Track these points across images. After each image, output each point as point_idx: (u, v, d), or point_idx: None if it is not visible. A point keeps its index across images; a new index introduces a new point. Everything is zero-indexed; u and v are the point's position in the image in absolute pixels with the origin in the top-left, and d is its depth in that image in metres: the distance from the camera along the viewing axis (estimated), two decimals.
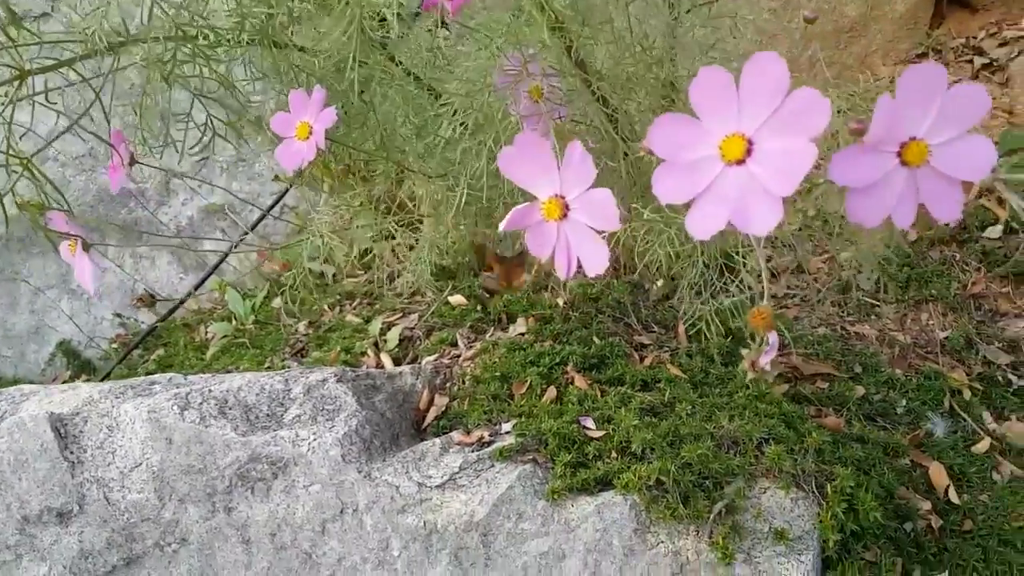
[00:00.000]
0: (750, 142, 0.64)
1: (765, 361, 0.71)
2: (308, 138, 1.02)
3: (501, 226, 0.74)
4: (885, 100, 0.64)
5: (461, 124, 0.96)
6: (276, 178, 1.28)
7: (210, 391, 1.43)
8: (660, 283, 1.89)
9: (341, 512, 1.33)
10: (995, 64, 2.18)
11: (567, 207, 0.72)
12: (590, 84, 0.93)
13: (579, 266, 0.74)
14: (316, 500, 1.33)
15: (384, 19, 1.17)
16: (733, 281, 1.09)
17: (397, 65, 1.18)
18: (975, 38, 2.30)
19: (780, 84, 0.62)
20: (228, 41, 1.03)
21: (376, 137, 1.11)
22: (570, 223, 0.73)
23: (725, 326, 1.55)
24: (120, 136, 1.11)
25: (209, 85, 1.18)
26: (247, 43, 1.05)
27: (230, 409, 1.42)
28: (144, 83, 1.14)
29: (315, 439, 1.35)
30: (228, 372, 1.87)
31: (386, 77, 1.16)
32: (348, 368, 1.53)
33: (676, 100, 0.92)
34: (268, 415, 1.42)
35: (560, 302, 1.88)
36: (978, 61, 2.20)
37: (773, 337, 0.71)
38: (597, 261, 0.72)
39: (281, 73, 1.18)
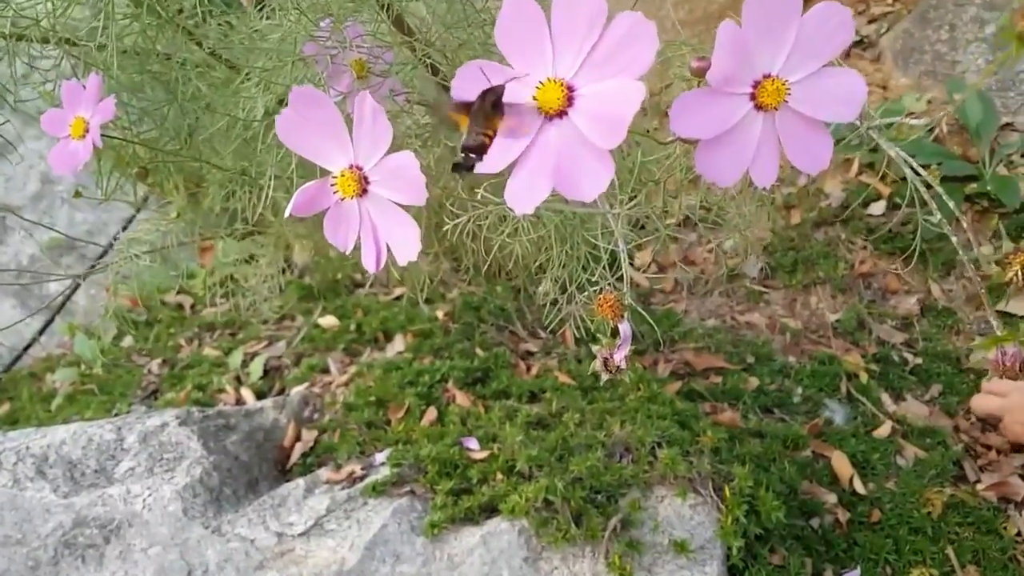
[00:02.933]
0: (570, 88, 0.52)
1: (620, 357, 0.59)
2: (84, 136, 0.86)
3: (286, 211, 0.60)
4: (729, 28, 0.52)
5: (265, 104, 0.81)
6: (77, 194, 1.10)
7: (27, 448, 1.23)
8: (545, 285, 1.78)
9: (188, 575, 1.15)
10: (866, 41, 2.17)
11: (366, 180, 0.59)
12: (415, 50, 0.80)
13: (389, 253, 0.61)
14: (158, 564, 1.15)
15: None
16: (596, 272, 0.97)
17: (210, 53, 1.03)
18: None
19: (597, 12, 0.50)
20: None
21: (182, 135, 0.95)
22: (372, 200, 0.59)
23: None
24: None
25: None
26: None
27: (50, 468, 1.23)
28: None
29: (151, 494, 1.17)
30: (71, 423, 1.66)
31: (196, 66, 1.01)
32: (196, 408, 1.35)
33: None
34: (96, 471, 1.23)
35: (440, 314, 1.75)
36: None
37: (625, 327, 0.59)
38: (407, 246, 0.59)
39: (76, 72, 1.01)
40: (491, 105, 0.53)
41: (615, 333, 0.60)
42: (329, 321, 1.76)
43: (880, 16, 2.22)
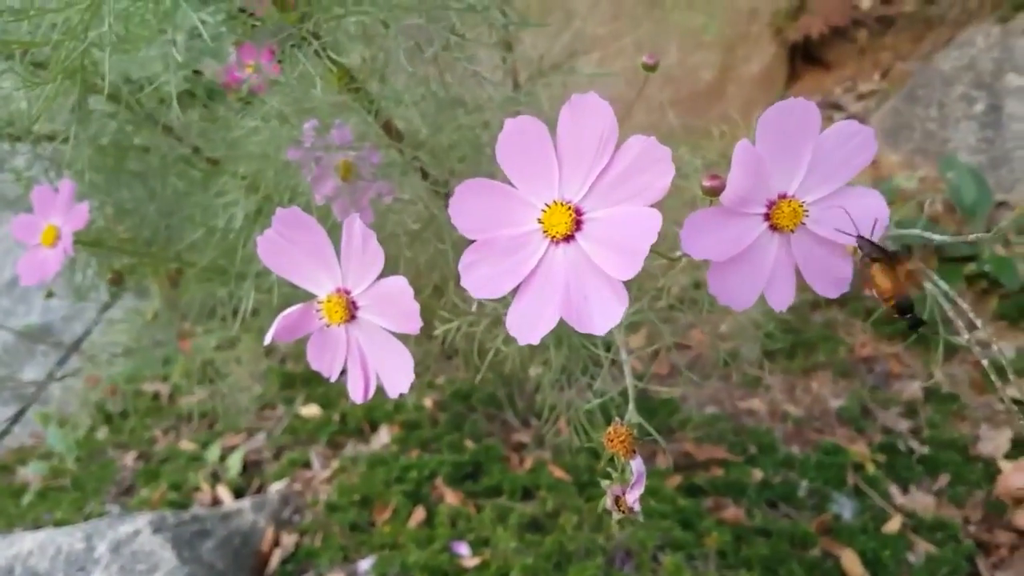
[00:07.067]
0: (578, 212, 0.48)
1: (633, 499, 0.53)
2: (55, 244, 0.81)
3: (267, 338, 0.55)
4: (744, 148, 0.49)
5: (246, 211, 0.77)
6: (49, 295, 1.06)
7: None
8: (536, 370, 1.72)
9: None
10: (855, 119, 2.17)
11: (354, 305, 0.54)
12: (403, 153, 0.77)
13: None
14: None
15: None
16: (597, 373, 0.93)
17: (192, 149, 0.99)
18: (832, 94, 2.31)
19: (607, 134, 0.47)
20: None
21: (158, 234, 0.91)
22: (361, 326, 0.55)
23: (607, 415, 1.39)
24: None
25: None
26: None
27: None
28: None
29: None
30: (39, 529, 1.57)
31: (177, 161, 0.97)
32: (170, 513, 1.27)
33: None
34: None
35: (428, 402, 1.68)
36: (837, 117, 2.20)
37: (638, 464, 0.54)
38: (400, 376, 0.54)
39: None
40: (884, 254, 0.52)
41: (624, 468, 0.55)
42: (311, 410, 1.70)
43: (868, 94, 2.23)
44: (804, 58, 2.46)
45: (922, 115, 2.04)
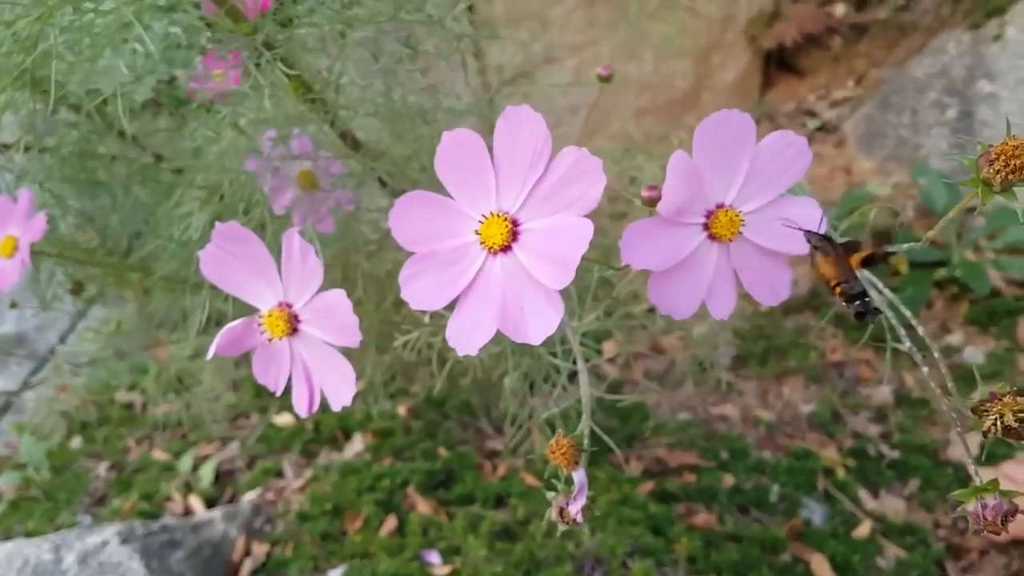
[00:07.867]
0: (515, 222, 0.49)
1: (575, 509, 0.54)
2: (13, 254, 0.81)
3: (209, 352, 0.55)
4: (680, 159, 0.49)
5: (201, 223, 0.78)
6: (13, 305, 1.06)
7: None
8: (510, 378, 1.72)
9: None
10: (829, 125, 2.19)
11: (296, 318, 0.54)
12: (360, 162, 0.77)
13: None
14: None
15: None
16: (562, 379, 0.93)
17: (155, 157, 0.99)
18: (806, 101, 2.32)
19: (540, 147, 0.47)
20: None
21: (120, 244, 0.91)
22: (303, 340, 0.55)
23: (570, 422, 1.40)
24: None
25: None
26: None
27: None
28: None
29: None
30: (14, 534, 1.56)
31: (137, 172, 0.97)
32: (139, 523, 1.27)
33: None
34: None
35: (402, 410, 1.68)
36: (811, 124, 2.22)
37: (580, 476, 0.54)
38: (342, 389, 0.54)
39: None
40: (832, 244, 0.52)
41: (571, 480, 0.55)
42: (285, 419, 1.69)
43: (842, 101, 2.25)
44: (779, 65, 2.48)
45: (895, 122, 2.05)
